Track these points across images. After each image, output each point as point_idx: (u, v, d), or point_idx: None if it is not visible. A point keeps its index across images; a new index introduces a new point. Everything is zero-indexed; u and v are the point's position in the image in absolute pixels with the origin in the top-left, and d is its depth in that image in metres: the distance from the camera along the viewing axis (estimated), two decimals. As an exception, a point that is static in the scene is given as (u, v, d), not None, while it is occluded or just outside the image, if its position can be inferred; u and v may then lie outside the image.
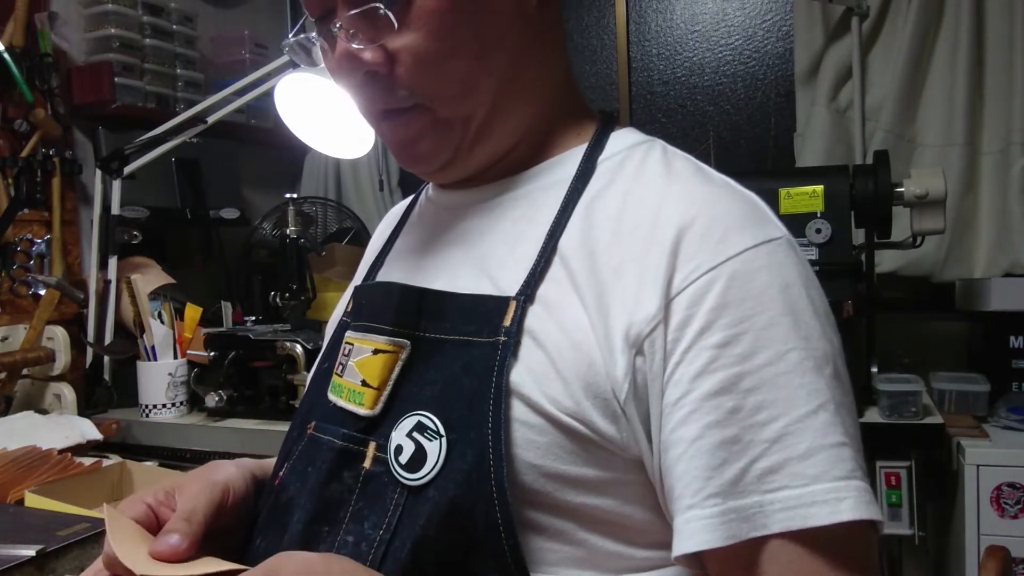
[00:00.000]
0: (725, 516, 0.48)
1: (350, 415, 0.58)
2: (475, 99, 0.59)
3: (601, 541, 0.54)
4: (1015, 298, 1.76)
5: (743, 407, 0.49)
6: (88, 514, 1.02)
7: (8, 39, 1.70)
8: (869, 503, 0.49)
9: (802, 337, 0.51)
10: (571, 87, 0.66)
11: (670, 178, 0.58)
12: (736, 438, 0.49)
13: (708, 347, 0.50)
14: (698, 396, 0.50)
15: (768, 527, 0.48)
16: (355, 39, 0.57)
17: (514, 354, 0.54)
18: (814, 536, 0.48)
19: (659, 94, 2.42)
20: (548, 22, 0.62)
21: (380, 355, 0.58)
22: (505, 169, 0.64)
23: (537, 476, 0.52)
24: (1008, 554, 1.14)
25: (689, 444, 0.50)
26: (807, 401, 0.50)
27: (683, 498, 0.50)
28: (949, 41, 2.00)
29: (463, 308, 0.57)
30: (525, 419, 0.52)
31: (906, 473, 1.49)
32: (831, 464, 0.49)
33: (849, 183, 1.61)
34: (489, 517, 0.51)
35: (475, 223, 0.64)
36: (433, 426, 0.53)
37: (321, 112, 1.54)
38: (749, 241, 0.52)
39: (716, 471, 0.49)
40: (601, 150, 0.62)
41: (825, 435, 0.49)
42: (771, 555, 0.49)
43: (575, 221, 0.58)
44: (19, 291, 1.75)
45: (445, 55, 0.56)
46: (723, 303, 0.51)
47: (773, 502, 0.48)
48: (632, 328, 0.52)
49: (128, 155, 1.73)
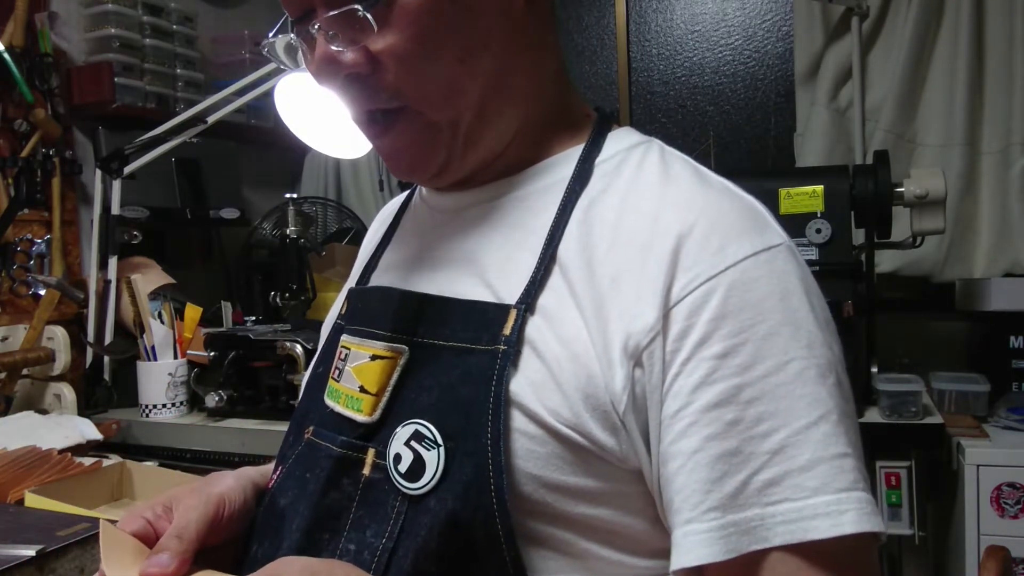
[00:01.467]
0: (724, 530, 0.48)
1: (348, 421, 0.58)
2: (461, 101, 0.58)
3: (601, 551, 0.54)
4: (1015, 298, 1.76)
5: (743, 419, 0.49)
6: (88, 514, 1.02)
7: (8, 39, 1.70)
8: (871, 514, 0.48)
9: (803, 346, 0.50)
10: (565, 87, 0.65)
11: (667, 183, 0.57)
12: (736, 450, 0.49)
13: (707, 358, 0.50)
14: (697, 408, 0.50)
15: (769, 540, 0.47)
16: (335, 41, 0.55)
17: (514, 364, 0.53)
18: (815, 548, 0.47)
19: (659, 94, 2.42)
20: (537, 22, 0.61)
21: (378, 361, 0.57)
22: (500, 171, 0.63)
23: (537, 487, 0.52)
24: (1008, 554, 1.14)
25: (688, 457, 0.49)
26: (808, 412, 0.49)
27: (682, 511, 0.50)
28: (949, 41, 2.00)
29: (462, 315, 0.57)
30: (525, 430, 0.52)
31: (906, 473, 1.49)
32: (833, 476, 0.48)
33: (849, 183, 1.61)
34: (490, 529, 0.50)
35: (471, 227, 0.63)
36: (431, 435, 0.53)
37: (321, 112, 1.55)
38: (748, 249, 0.52)
39: (715, 484, 0.49)
40: (598, 151, 0.61)
41: (827, 447, 0.49)
42: (771, 568, 0.48)
43: (572, 227, 0.57)
44: (19, 291, 1.75)
45: (428, 57, 0.55)
46: (722, 313, 0.50)
47: (774, 515, 0.48)
48: (631, 339, 0.51)
49: (128, 155, 1.73)
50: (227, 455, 1.55)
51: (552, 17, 0.63)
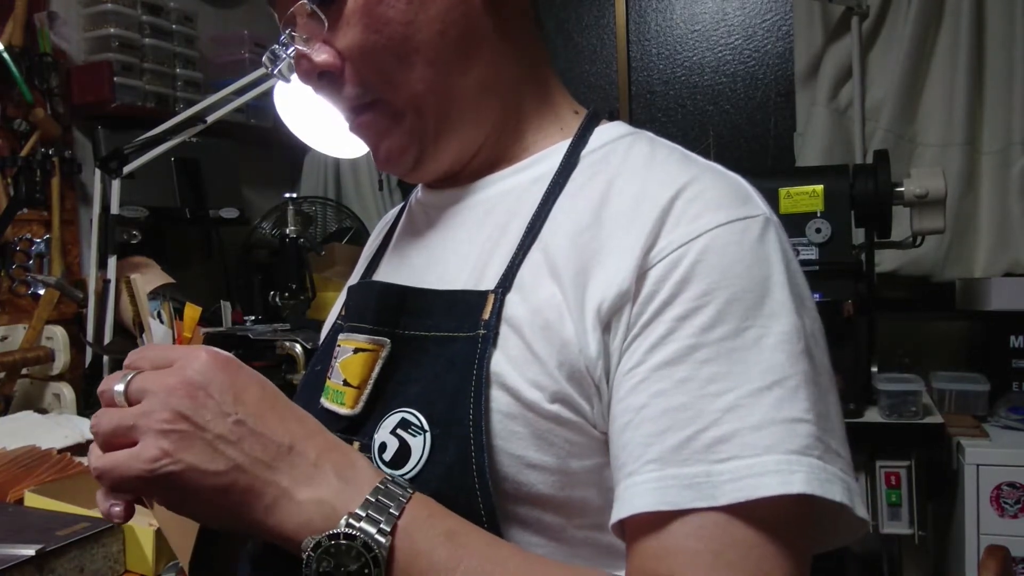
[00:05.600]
0: (662, 482, 0.47)
1: (333, 415, 0.58)
2: (422, 87, 0.59)
3: (586, 533, 0.54)
4: (1015, 298, 1.76)
5: (695, 377, 0.48)
6: (88, 514, 1.02)
7: (8, 39, 1.70)
8: (825, 481, 0.46)
9: (765, 315, 0.49)
10: (547, 81, 0.66)
11: (653, 164, 0.57)
12: (684, 406, 0.48)
13: (667, 320, 0.49)
14: (650, 366, 0.49)
15: (715, 499, 0.45)
16: (306, 42, 0.59)
17: (494, 344, 0.54)
18: (752, 509, 0.45)
19: (659, 94, 2.42)
20: (506, 16, 0.61)
21: (360, 354, 0.58)
22: (485, 166, 0.64)
23: (521, 467, 0.52)
24: (1008, 553, 1.14)
25: (636, 412, 0.49)
26: (762, 377, 0.48)
27: (625, 466, 0.49)
28: (949, 41, 2.00)
29: (444, 304, 0.57)
30: (508, 410, 0.52)
31: (906, 473, 1.49)
32: (785, 437, 0.46)
33: (849, 183, 1.62)
34: (472, 509, 0.50)
35: (461, 221, 0.64)
36: (417, 422, 0.53)
37: (321, 112, 1.54)
38: (723, 218, 0.51)
39: (657, 437, 0.48)
40: (585, 144, 0.62)
41: (779, 410, 0.47)
42: (702, 526, 0.46)
43: (557, 212, 0.58)
44: (18, 291, 1.75)
45: (384, 46, 0.58)
46: (688, 276, 0.50)
47: (722, 472, 0.46)
48: (604, 304, 0.51)
49: (127, 155, 1.73)
50: (227, 455, 1.55)
51: (527, 13, 0.64)
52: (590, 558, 0.54)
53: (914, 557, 1.62)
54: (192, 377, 0.48)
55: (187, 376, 0.48)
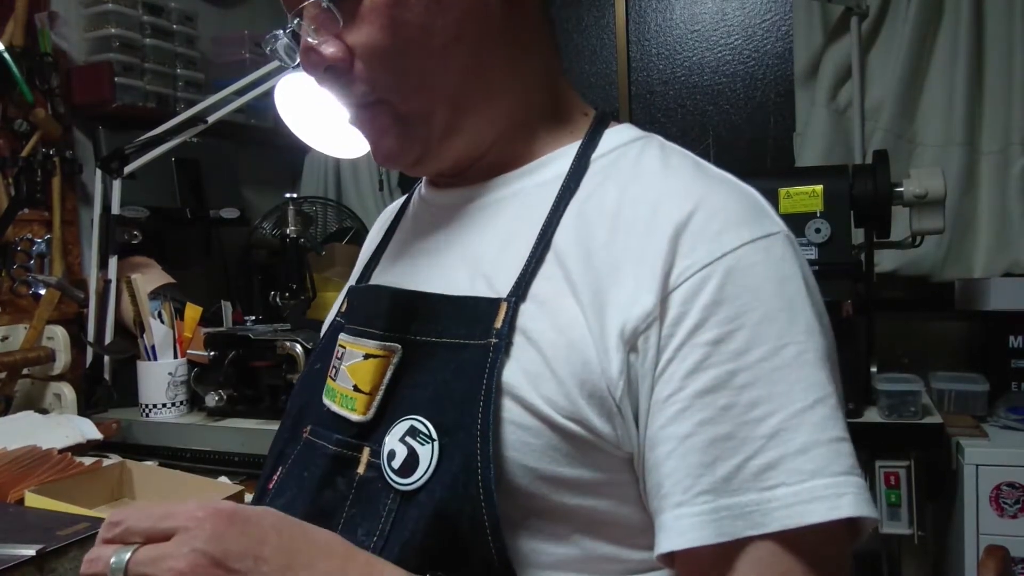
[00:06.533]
0: (716, 513, 0.48)
1: (343, 421, 0.58)
2: (433, 94, 0.59)
3: (595, 543, 0.53)
4: (1015, 298, 1.76)
5: (737, 404, 0.49)
6: (88, 514, 1.02)
7: (8, 39, 1.70)
8: (868, 501, 0.48)
9: (800, 331, 0.50)
10: (557, 84, 0.65)
11: (667, 173, 0.57)
12: (730, 435, 0.48)
13: (701, 344, 0.50)
14: (690, 393, 0.49)
15: (766, 526, 0.47)
16: (315, 34, 0.58)
17: (506, 353, 0.53)
18: (799, 535, 0.47)
19: (659, 94, 2.42)
20: (518, 19, 0.61)
21: (371, 360, 0.57)
22: (495, 167, 0.64)
23: (532, 479, 0.52)
24: (1007, 554, 1.14)
25: (680, 441, 0.49)
26: (804, 396, 0.49)
27: (672, 495, 0.49)
28: (949, 41, 2.00)
29: (455, 310, 0.57)
30: (520, 421, 0.52)
31: (905, 473, 1.49)
32: (830, 459, 0.48)
33: (848, 183, 1.61)
34: (476, 519, 0.50)
35: (468, 223, 0.63)
36: (425, 430, 0.53)
37: (321, 112, 1.55)
38: (746, 236, 0.52)
39: (708, 468, 0.48)
40: (595, 147, 0.61)
41: (823, 430, 0.48)
42: (752, 554, 0.48)
43: (569, 219, 0.57)
44: (19, 291, 1.75)
45: (399, 50, 0.57)
46: (718, 299, 0.50)
47: (771, 500, 0.47)
48: (627, 324, 0.51)
49: (128, 155, 1.73)
50: (227, 455, 1.55)
51: (541, 17, 0.63)
52: (599, 565, 0.54)
53: (914, 557, 1.62)
54: (205, 550, 0.45)
55: (198, 550, 0.45)
